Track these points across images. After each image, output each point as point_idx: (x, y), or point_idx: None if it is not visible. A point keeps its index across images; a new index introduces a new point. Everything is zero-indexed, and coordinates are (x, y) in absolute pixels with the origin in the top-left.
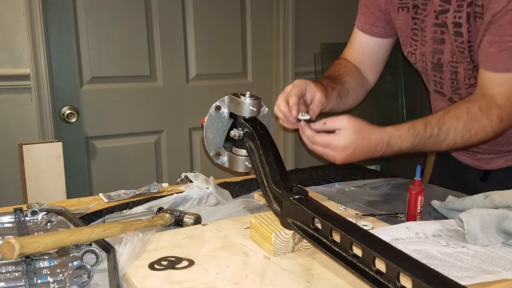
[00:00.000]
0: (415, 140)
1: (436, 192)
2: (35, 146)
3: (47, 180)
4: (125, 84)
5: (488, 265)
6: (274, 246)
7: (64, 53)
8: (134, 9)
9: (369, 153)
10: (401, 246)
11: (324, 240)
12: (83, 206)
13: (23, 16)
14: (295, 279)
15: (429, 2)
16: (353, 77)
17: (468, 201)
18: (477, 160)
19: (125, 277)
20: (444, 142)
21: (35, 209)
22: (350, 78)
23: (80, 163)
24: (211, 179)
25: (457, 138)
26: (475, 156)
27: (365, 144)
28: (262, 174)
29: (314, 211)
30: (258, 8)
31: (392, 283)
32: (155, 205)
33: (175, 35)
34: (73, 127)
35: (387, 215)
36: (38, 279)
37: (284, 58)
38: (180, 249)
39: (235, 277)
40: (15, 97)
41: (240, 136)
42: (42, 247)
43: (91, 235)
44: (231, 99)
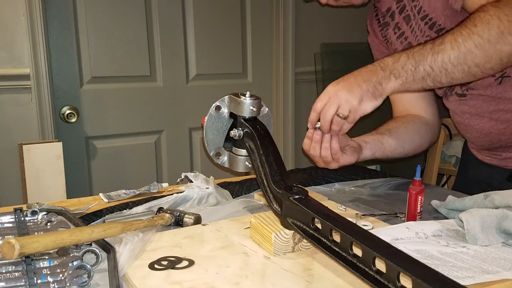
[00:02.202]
0: (410, 54)
1: (436, 192)
2: (35, 146)
3: (47, 180)
4: (125, 84)
5: (488, 265)
6: (274, 246)
7: (64, 53)
8: (134, 9)
9: (362, 75)
10: (401, 246)
11: (324, 240)
12: (83, 206)
13: (23, 16)
14: (295, 279)
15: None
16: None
17: (468, 201)
18: (502, 160)
19: (125, 277)
20: (444, 47)
21: (35, 209)
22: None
23: (80, 163)
24: (211, 179)
25: (457, 37)
26: (500, 156)
27: (356, 72)
28: (262, 174)
29: (314, 211)
30: (258, 8)
31: (392, 283)
32: (155, 205)
33: (175, 35)
34: (73, 127)
35: (387, 215)
36: (38, 279)
37: (284, 58)
38: (180, 249)
39: (235, 277)
40: (15, 97)
41: (240, 136)
42: (42, 247)
43: (91, 235)
44: (231, 99)
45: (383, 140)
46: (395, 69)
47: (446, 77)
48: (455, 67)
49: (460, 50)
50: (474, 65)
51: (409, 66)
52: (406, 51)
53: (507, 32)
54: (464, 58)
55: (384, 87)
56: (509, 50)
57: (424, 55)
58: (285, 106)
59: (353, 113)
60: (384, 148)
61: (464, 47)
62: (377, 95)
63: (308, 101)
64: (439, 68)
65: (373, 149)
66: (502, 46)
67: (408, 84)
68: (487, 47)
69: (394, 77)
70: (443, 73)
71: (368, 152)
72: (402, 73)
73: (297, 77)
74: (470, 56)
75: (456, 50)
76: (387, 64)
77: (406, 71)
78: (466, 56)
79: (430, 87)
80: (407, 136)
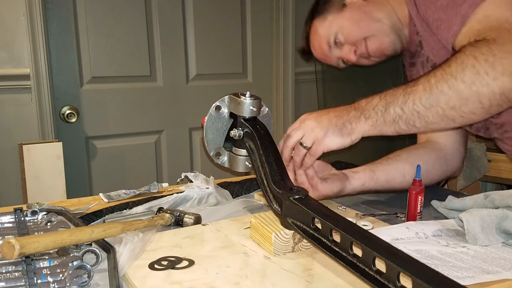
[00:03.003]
0: (382, 96)
1: (436, 192)
2: (35, 146)
3: (47, 180)
4: (125, 84)
5: (488, 265)
6: (274, 246)
7: (64, 53)
8: (134, 9)
9: (336, 111)
10: (401, 246)
11: (324, 240)
12: (83, 206)
13: (23, 16)
14: (295, 279)
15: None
16: (407, 147)
17: (468, 201)
18: None
19: (125, 277)
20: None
21: (35, 209)
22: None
23: (80, 163)
24: (211, 179)
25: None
26: None
27: (333, 108)
28: (262, 174)
29: (314, 211)
30: (258, 8)
31: (392, 283)
32: (155, 205)
33: (175, 35)
34: (73, 127)
35: (387, 215)
36: (38, 279)
37: (284, 58)
38: (180, 249)
39: (235, 277)
40: (15, 97)
41: (240, 136)
42: (42, 247)
43: (91, 235)
44: (231, 99)
45: (376, 169)
46: (366, 110)
47: (420, 121)
48: (428, 110)
49: (432, 91)
50: (449, 108)
51: (379, 107)
52: (381, 93)
53: (483, 72)
54: (436, 100)
55: (353, 127)
56: (488, 92)
57: (396, 97)
58: (285, 106)
59: (316, 145)
60: (377, 178)
61: (436, 89)
62: (344, 133)
63: (308, 101)
64: (410, 111)
65: (362, 179)
66: (479, 87)
67: (379, 127)
68: (461, 88)
69: (365, 118)
70: (416, 116)
71: (356, 183)
72: (372, 115)
73: (297, 77)
74: (443, 98)
75: (428, 91)
76: (360, 105)
77: (377, 112)
78: (438, 98)
79: (405, 131)
80: (408, 164)
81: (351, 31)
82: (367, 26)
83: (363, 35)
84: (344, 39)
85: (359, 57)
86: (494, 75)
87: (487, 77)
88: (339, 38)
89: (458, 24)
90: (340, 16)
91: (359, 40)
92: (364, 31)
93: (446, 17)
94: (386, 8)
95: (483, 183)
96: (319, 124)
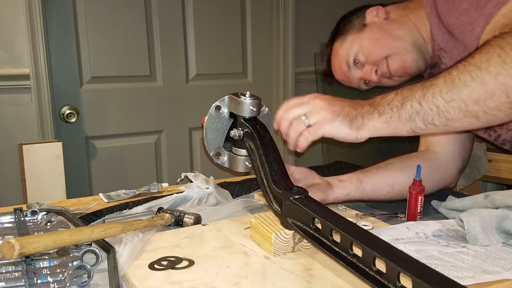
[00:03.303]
0: (399, 91)
1: (436, 192)
2: (35, 146)
3: (47, 180)
4: (125, 84)
5: (488, 265)
6: (274, 246)
7: (64, 53)
8: (134, 9)
9: (351, 102)
10: (401, 246)
11: (324, 240)
12: (83, 206)
13: (23, 16)
14: (295, 279)
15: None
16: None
17: (468, 201)
18: None
19: (125, 277)
20: (436, 81)
21: (35, 209)
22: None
23: (80, 163)
24: (211, 179)
25: (451, 70)
26: None
27: (348, 99)
28: (262, 174)
29: (314, 211)
30: (258, 8)
31: (392, 283)
32: (155, 205)
33: (175, 35)
34: (73, 127)
35: (387, 215)
36: (38, 279)
37: (284, 58)
38: (180, 249)
39: (235, 277)
40: (15, 97)
41: (240, 136)
42: (42, 247)
43: (91, 235)
44: (231, 99)
45: (364, 178)
46: (380, 105)
47: (440, 117)
48: (449, 104)
49: (454, 83)
50: (473, 102)
51: (395, 103)
52: (397, 89)
53: (510, 62)
54: (458, 92)
55: (365, 122)
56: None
57: (413, 91)
58: None
59: (319, 125)
60: (363, 188)
61: (458, 80)
62: (354, 125)
63: None
64: (429, 105)
65: (347, 188)
66: (506, 78)
67: (393, 124)
68: (486, 78)
69: (378, 114)
70: (435, 111)
71: (340, 192)
72: (387, 110)
73: (297, 77)
74: (466, 90)
75: (450, 83)
76: (375, 101)
77: (392, 108)
78: (461, 90)
79: (422, 130)
80: (399, 173)
81: (371, 50)
82: (388, 44)
83: (383, 54)
84: (364, 58)
85: (381, 77)
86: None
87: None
88: (359, 58)
89: (482, 25)
90: (360, 36)
91: (380, 60)
92: (385, 49)
93: (469, 20)
94: (407, 26)
95: (483, 183)
96: (330, 107)
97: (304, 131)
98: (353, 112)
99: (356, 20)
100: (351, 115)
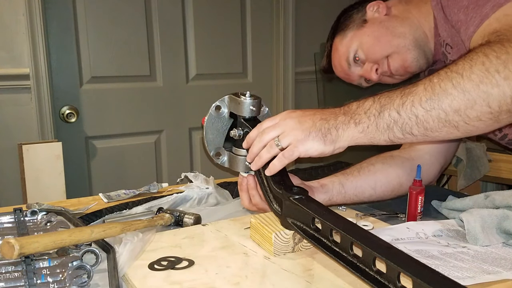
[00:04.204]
0: (376, 98)
1: (436, 192)
2: (35, 146)
3: (46, 180)
4: (125, 84)
5: (488, 265)
6: (274, 246)
7: (63, 52)
8: (134, 9)
9: (323, 113)
10: (402, 246)
11: (324, 240)
12: (82, 206)
13: (23, 16)
14: (295, 279)
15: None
16: (380, 155)
17: (468, 201)
18: None
19: (125, 277)
20: (416, 89)
21: (35, 209)
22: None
23: (80, 163)
24: (211, 179)
25: (432, 77)
26: None
27: (320, 109)
28: (262, 174)
29: (314, 211)
30: (258, 8)
31: (392, 283)
32: (155, 205)
33: (175, 35)
34: (72, 127)
35: (387, 215)
36: (38, 279)
37: (284, 58)
38: (180, 249)
39: (235, 277)
40: (15, 97)
41: (240, 136)
42: (42, 247)
43: (91, 235)
44: (231, 99)
45: (346, 182)
46: (357, 114)
47: (418, 127)
48: (428, 113)
49: (435, 91)
50: (453, 111)
51: (372, 111)
52: (374, 95)
53: (493, 70)
54: (438, 101)
55: (339, 134)
56: (498, 93)
57: (392, 99)
58: (285, 106)
59: (292, 147)
60: (346, 192)
61: (439, 87)
62: (328, 140)
63: (308, 101)
64: (408, 114)
65: (329, 193)
66: (488, 87)
67: (370, 134)
68: (468, 86)
69: (354, 124)
70: (413, 120)
71: (322, 197)
72: (363, 119)
73: (297, 77)
74: (447, 99)
75: (430, 91)
76: (351, 109)
77: (369, 116)
78: (441, 98)
79: (400, 140)
80: (381, 175)
81: (371, 49)
82: (389, 42)
83: (384, 53)
84: (364, 56)
85: (381, 75)
86: (506, 74)
87: (497, 75)
88: (359, 56)
89: (476, 25)
90: (361, 33)
91: (381, 59)
92: (385, 48)
93: (465, 18)
94: (409, 22)
95: (483, 183)
96: (300, 126)
97: (279, 155)
98: (325, 126)
99: (356, 15)
100: (324, 129)
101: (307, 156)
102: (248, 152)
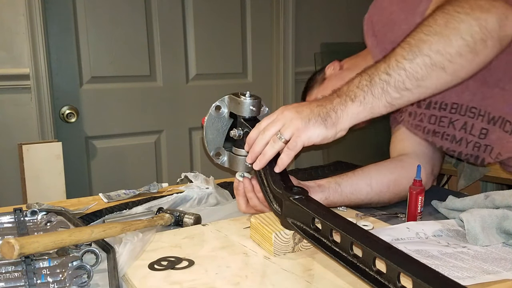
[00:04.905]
0: (362, 73)
1: (436, 192)
2: (35, 146)
3: (46, 180)
4: (125, 84)
5: (488, 265)
6: (274, 246)
7: (63, 52)
8: (134, 9)
9: (318, 101)
10: (402, 246)
11: (324, 240)
12: (82, 206)
13: (23, 16)
14: (295, 279)
15: None
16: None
17: (468, 201)
18: None
19: (125, 277)
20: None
21: (35, 209)
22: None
23: (80, 163)
24: (211, 179)
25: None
26: None
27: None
28: (262, 174)
29: (314, 211)
30: (258, 8)
31: (392, 283)
32: (155, 205)
33: (175, 35)
34: (72, 127)
35: (387, 215)
36: (38, 279)
37: (284, 58)
38: (180, 249)
39: (235, 277)
40: (15, 97)
41: (240, 136)
42: (42, 247)
43: (91, 235)
44: (231, 99)
45: (342, 181)
46: (350, 91)
47: (410, 79)
48: (413, 62)
49: (411, 44)
50: (435, 53)
51: (363, 83)
52: (358, 73)
53: (453, 12)
54: (418, 49)
55: (338, 116)
56: (466, 26)
57: (376, 66)
58: None
59: (295, 137)
60: (342, 190)
61: (413, 41)
62: (329, 123)
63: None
64: (396, 71)
65: (326, 192)
66: (454, 24)
67: (369, 103)
68: (438, 29)
69: (351, 100)
70: (403, 75)
71: (319, 196)
72: (358, 93)
73: (297, 77)
74: (425, 44)
75: (407, 46)
76: (342, 90)
77: (362, 88)
78: (419, 46)
79: (398, 99)
80: (375, 172)
81: None
82: None
83: None
84: None
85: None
86: (465, 11)
87: (458, 14)
88: None
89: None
90: (323, 87)
91: None
92: None
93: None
94: (358, 69)
95: (483, 183)
96: (299, 114)
97: (285, 148)
98: (323, 110)
99: (318, 76)
100: (323, 114)
101: (311, 143)
102: (249, 152)
